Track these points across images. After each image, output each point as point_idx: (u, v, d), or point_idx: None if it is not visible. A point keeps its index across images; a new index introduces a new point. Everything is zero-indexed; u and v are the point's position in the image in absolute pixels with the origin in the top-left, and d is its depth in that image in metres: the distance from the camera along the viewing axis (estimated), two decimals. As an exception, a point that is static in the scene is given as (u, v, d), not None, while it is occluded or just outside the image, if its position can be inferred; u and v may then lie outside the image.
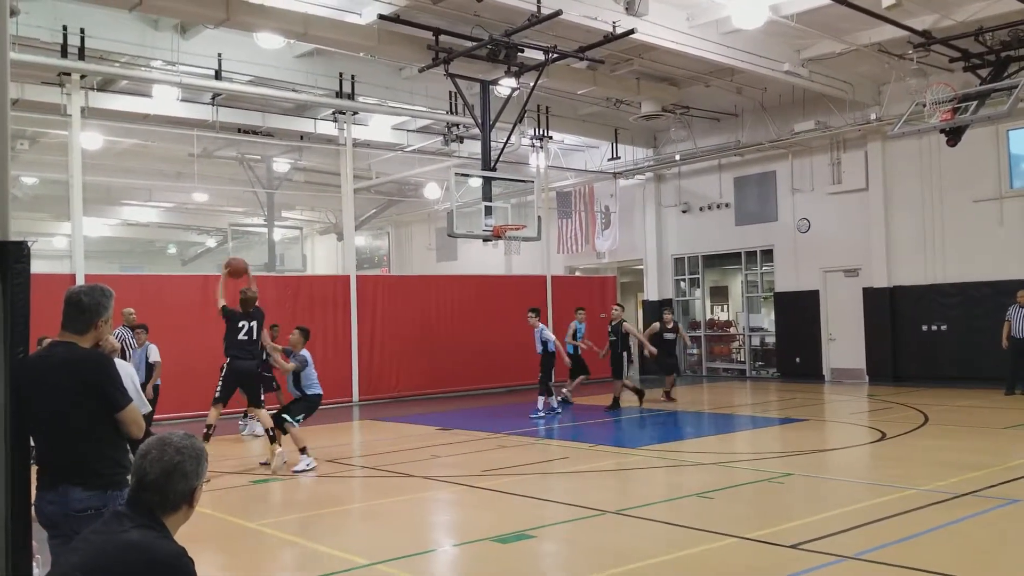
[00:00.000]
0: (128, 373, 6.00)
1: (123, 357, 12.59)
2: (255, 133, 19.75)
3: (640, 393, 15.83)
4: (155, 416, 12.31)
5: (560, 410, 15.32)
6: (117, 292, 4.26)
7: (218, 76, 15.64)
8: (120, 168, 23.08)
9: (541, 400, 15.02)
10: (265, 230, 26.39)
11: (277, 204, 26.75)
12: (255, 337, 10.72)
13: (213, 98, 17.35)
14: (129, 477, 2.80)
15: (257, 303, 10.93)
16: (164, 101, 17.30)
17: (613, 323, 15.66)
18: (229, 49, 15.62)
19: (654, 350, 16.03)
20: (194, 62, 15.49)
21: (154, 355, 12.34)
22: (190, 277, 18.64)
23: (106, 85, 16.99)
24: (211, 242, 36.33)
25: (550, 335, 15.41)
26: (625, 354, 15.48)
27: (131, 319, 13.01)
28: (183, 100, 17.58)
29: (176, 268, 36.85)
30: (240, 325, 10.63)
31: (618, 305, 16.92)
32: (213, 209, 30.12)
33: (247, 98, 17.82)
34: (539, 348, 15.26)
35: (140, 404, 5.01)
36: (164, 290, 15.97)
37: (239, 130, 19.46)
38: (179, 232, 35.72)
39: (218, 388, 10.67)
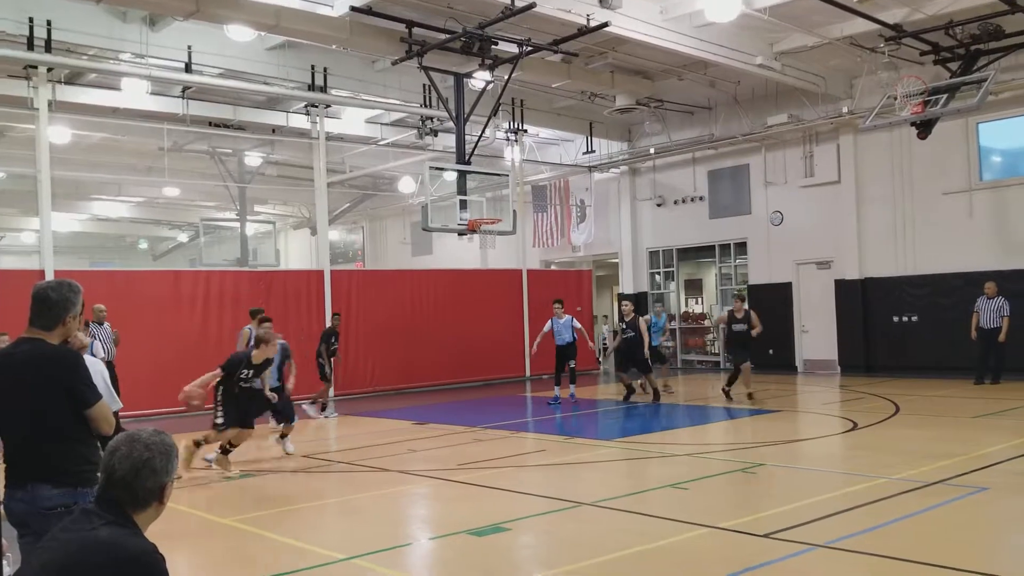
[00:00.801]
0: (98, 370, 5.92)
1: (91, 352, 12.53)
2: (226, 127, 19.56)
3: (631, 389, 15.79)
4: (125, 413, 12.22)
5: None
6: (87, 288, 4.20)
7: (188, 69, 15.46)
8: (89, 162, 22.80)
9: (560, 390, 15.76)
10: (237, 225, 26.17)
11: (249, 198, 26.54)
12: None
13: (183, 91, 17.15)
14: (99, 474, 2.76)
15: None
16: (133, 94, 17.07)
17: (628, 319, 15.72)
18: (199, 41, 15.44)
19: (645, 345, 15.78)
20: (163, 55, 15.28)
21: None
22: (161, 272, 18.46)
23: (74, 78, 16.74)
24: (183, 237, 36.00)
25: (579, 324, 16.08)
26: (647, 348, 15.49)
27: (101, 315, 12.91)
28: (153, 93, 17.34)
29: (147, 263, 36.50)
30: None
31: (627, 302, 16.82)
32: (184, 203, 29.84)
33: (218, 91, 17.62)
34: (567, 338, 15.75)
35: (110, 401, 4.96)
36: (135, 285, 15.80)
37: (210, 123, 19.28)
38: (150, 227, 35.36)
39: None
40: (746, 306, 15.54)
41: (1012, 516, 6.87)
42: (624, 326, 15.76)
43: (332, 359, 15.14)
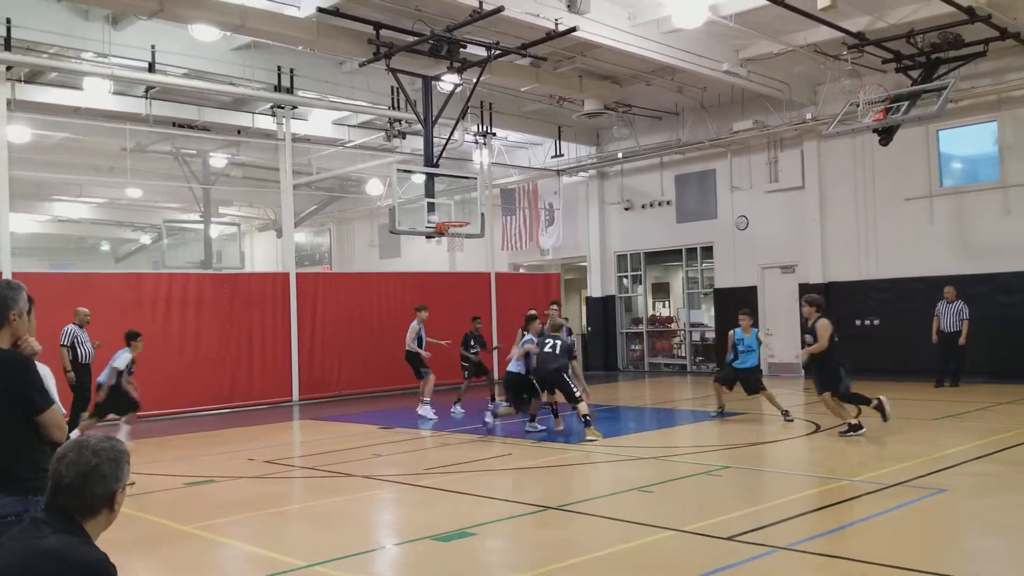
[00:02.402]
0: (50, 375, 5.79)
1: (75, 357, 12.38)
2: (191, 127, 19.34)
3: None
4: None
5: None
6: (48, 290, 4.15)
7: (151, 69, 15.26)
8: (50, 163, 22.43)
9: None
10: (201, 227, 25.88)
11: (214, 200, 26.25)
12: None
13: (147, 91, 16.94)
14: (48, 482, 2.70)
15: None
16: (95, 94, 16.83)
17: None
18: (163, 41, 15.26)
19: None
20: (126, 54, 15.07)
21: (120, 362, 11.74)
22: (123, 275, 18.16)
23: (34, 77, 16.46)
24: (145, 239, 35.57)
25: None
26: None
27: (85, 318, 12.77)
28: (115, 93, 17.11)
29: (109, 265, 36.00)
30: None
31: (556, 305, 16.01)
32: (147, 205, 29.48)
33: (182, 91, 17.41)
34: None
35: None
36: (97, 288, 15.51)
37: (174, 124, 19.05)
38: (112, 228, 34.91)
39: None
40: (817, 311, 11.27)
41: (969, 517, 6.96)
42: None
43: (475, 357, 15.38)
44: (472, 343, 15.48)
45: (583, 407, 11.52)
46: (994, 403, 13.44)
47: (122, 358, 11.65)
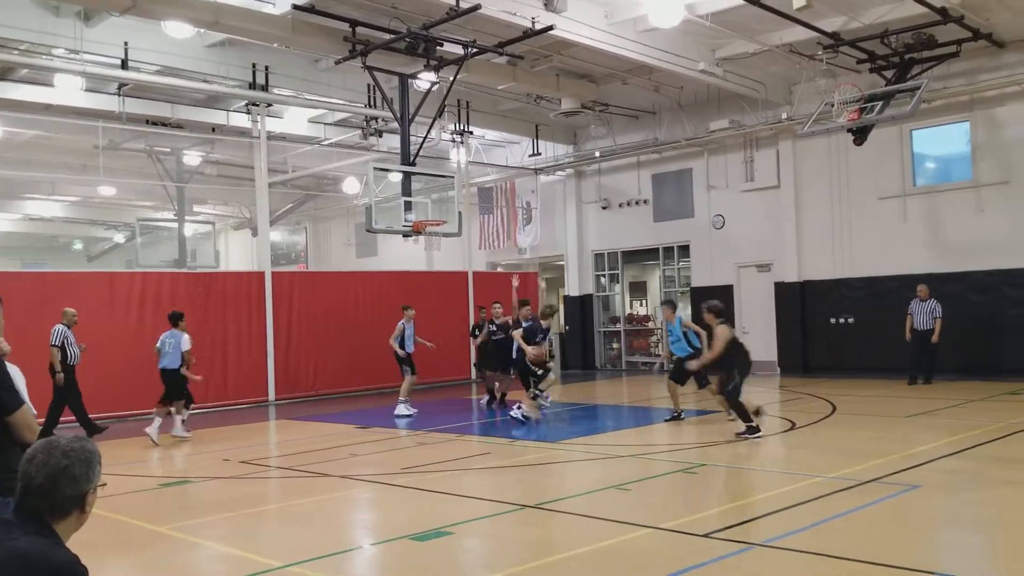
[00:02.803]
0: (20, 376, 5.70)
1: (64, 357, 12.34)
2: (164, 125, 19.14)
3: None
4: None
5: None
6: (19, 289, 4.09)
7: (124, 66, 15.09)
8: (21, 160, 22.17)
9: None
10: (175, 225, 25.64)
11: (188, 198, 26.02)
12: None
13: (119, 88, 16.75)
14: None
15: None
16: (67, 91, 16.62)
17: (499, 321, 15.12)
18: (136, 38, 15.09)
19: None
20: (99, 50, 14.87)
21: (186, 344, 12.62)
22: (96, 274, 17.95)
23: (4, 73, 16.23)
24: (119, 237, 35.19)
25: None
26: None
27: (73, 319, 12.75)
28: (88, 90, 16.90)
29: (82, 264, 35.59)
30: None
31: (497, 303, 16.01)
32: (120, 203, 29.16)
33: (156, 89, 17.22)
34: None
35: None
36: (69, 287, 15.31)
37: (147, 121, 18.86)
38: (85, 227, 34.50)
39: None
40: (716, 317, 11.34)
41: (943, 513, 7.04)
42: (495, 327, 15.08)
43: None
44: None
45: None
46: (966, 400, 13.59)
47: (185, 339, 12.40)
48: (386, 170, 16.50)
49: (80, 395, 12.76)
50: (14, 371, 3.83)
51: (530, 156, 23.16)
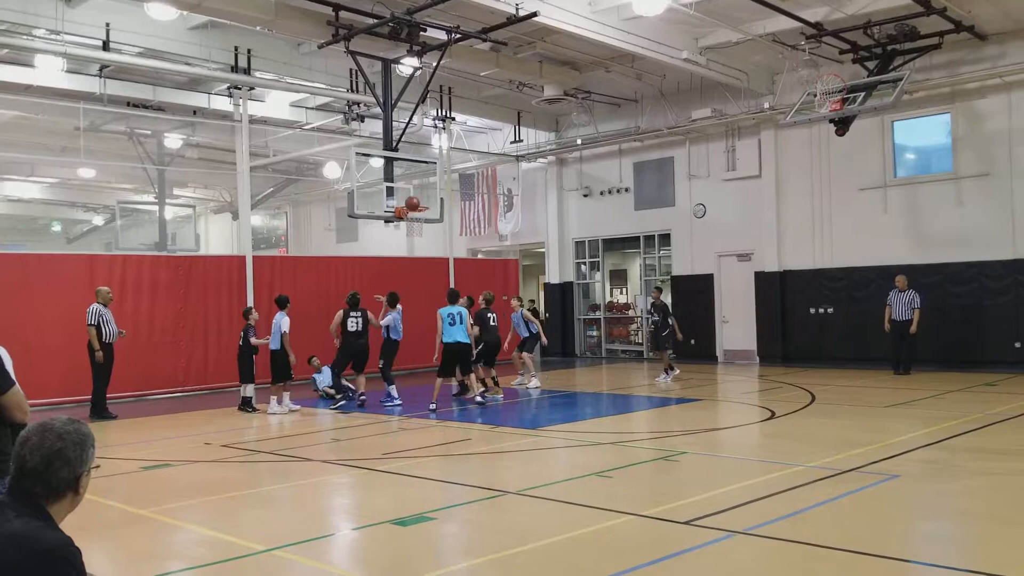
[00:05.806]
0: (7, 356, 5.67)
1: (99, 336, 12.52)
2: (145, 107, 18.97)
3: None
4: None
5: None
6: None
7: (106, 47, 14.89)
8: (1, 141, 21.87)
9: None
10: (155, 208, 25.42)
11: (168, 181, 25.82)
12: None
13: (101, 70, 16.56)
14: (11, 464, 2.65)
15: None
16: (47, 72, 16.43)
17: (655, 303, 16.79)
18: (117, 19, 14.89)
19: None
20: (80, 31, 14.69)
21: (285, 325, 13.42)
22: (76, 256, 17.80)
23: (-17, 53, 16.01)
24: (98, 220, 34.88)
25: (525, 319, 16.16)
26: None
27: (107, 297, 13.05)
28: (68, 71, 16.72)
29: (61, 247, 35.26)
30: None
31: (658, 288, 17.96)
32: (100, 185, 28.92)
33: (137, 71, 17.07)
34: (524, 332, 16.08)
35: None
36: (48, 269, 15.18)
37: (128, 104, 18.68)
38: (64, 209, 34.18)
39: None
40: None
41: (920, 502, 7.14)
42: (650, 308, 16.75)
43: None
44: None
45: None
46: (944, 391, 13.75)
47: (285, 320, 12.97)
48: (368, 155, 16.47)
49: (108, 379, 13.21)
50: (1, 352, 3.82)
51: (512, 143, 23.13)
